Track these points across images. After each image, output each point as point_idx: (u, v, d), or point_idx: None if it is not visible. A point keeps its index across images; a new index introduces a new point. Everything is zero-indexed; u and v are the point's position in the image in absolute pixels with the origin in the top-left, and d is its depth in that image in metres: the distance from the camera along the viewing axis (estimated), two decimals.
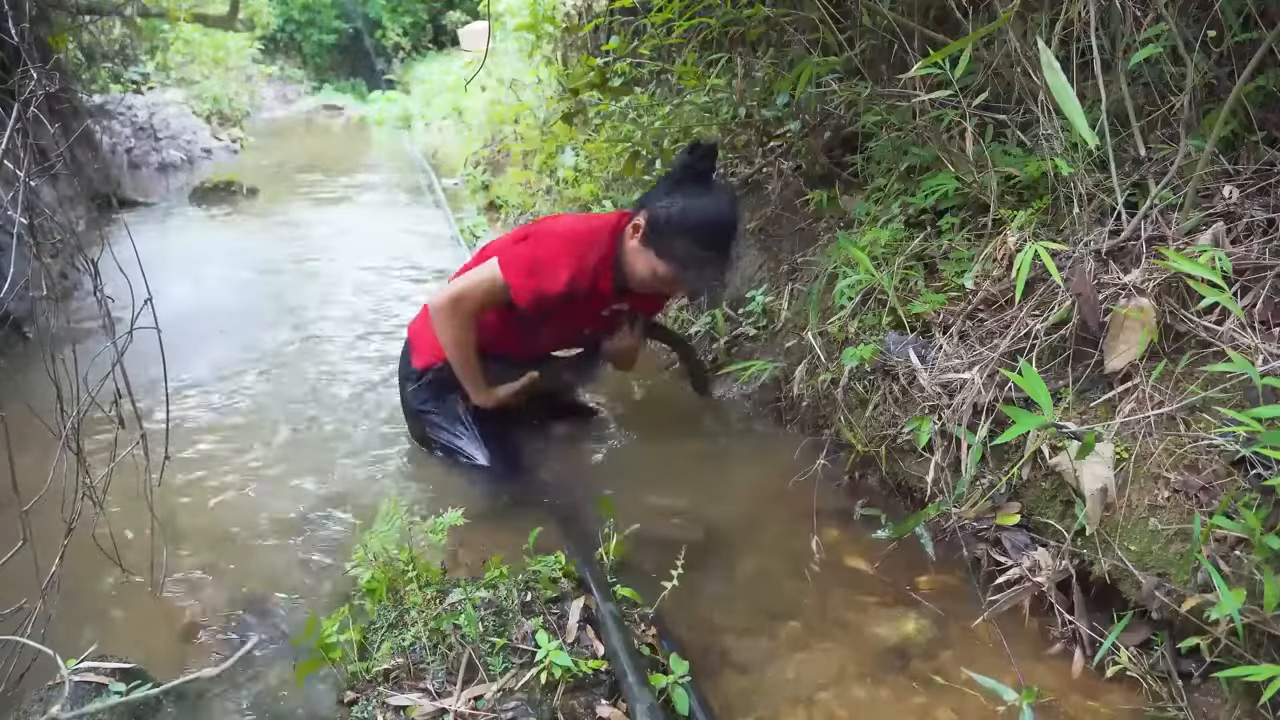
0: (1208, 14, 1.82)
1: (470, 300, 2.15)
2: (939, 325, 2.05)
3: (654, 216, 2.09)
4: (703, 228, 2.04)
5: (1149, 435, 1.59)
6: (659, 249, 2.08)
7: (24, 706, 1.37)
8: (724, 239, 2.09)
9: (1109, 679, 1.52)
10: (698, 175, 2.10)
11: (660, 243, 2.07)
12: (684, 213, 2.05)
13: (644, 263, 2.11)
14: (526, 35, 5.72)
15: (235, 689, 1.59)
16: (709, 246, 2.05)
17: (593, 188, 4.09)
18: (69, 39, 6.10)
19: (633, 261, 2.14)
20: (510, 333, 2.29)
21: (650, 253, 2.09)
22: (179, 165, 8.20)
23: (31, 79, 1.54)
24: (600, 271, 2.16)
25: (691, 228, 2.04)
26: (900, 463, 2.04)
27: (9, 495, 1.50)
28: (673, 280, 2.11)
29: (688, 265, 2.06)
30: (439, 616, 1.49)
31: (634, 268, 2.14)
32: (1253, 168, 1.83)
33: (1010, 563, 1.70)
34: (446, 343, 2.23)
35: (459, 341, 2.20)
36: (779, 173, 3.07)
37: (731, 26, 3.27)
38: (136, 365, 1.75)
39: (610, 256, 2.16)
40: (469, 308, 2.16)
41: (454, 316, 2.16)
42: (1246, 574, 1.36)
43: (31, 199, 1.63)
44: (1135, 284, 1.69)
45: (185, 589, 1.88)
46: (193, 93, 10.10)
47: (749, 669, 1.62)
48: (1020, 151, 2.17)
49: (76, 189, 4.80)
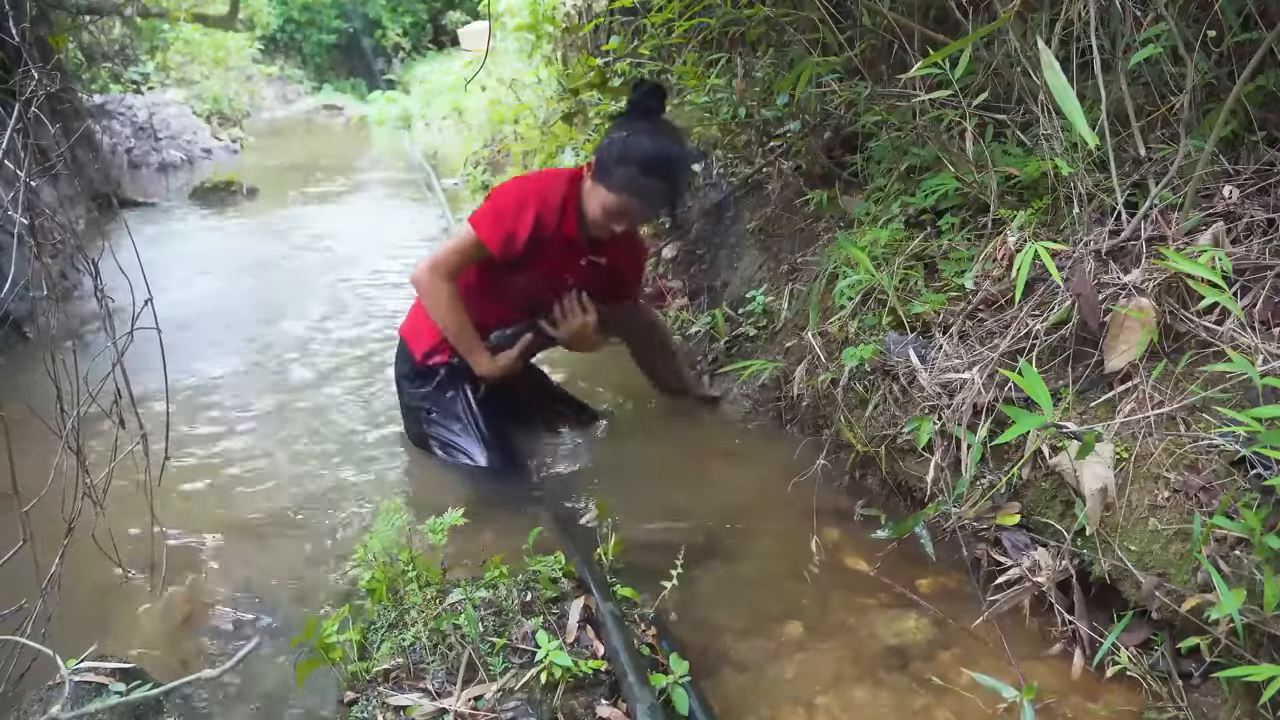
0: (1208, 14, 1.82)
1: (446, 263, 2.19)
2: (939, 325, 2.05)
3: (600, 151, 2.14)
4: (644, 155, 2.06)
5: (1149, 435, 1.59)
6: (605, 181, 2.10)
7: (24, 706, 1.37)
8: (666, 166, 2.09)
9: (1109, 679, 1.52)
10: (645, 112, 2.14)
11: (605, 175, 2.10)
12: (625, 142, 2.09)
13: (595, 199, 2.14)
14: (526, 35, 5.72)
15: (235, 689, 1.59)
16: (651, 173, 2.07)
17: None
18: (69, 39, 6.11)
19: (587, 200, 2.17)
20: (498, 296, 2.30)
21: (600, 188, 2.12)
22: (179, 165, 8.21)
23: (32, 79, 1.54)
24: (564, 213, 2.19)
25: (633, 155, 2.06)
26: (900, 463, 2.04)
27: (9, 495, 1.51)
28: (621, 211, 2.12)
29: (632, 193, 2.08)
30: (439, 616, 1.49)
31: (589, 207, 2.16)
32: (1253, 168, 1.83)
33: (1010, 563, 1.70)
34: (434, 310, 2.24)
35: (447, 305, 2.21)
36: (779, 173, 3.07)
37: (731, 26, 3.28)
38: (136, 365, 1.76)
39: (573, 200, 2.19)
40: (446, 270, 2.19)
41: (435, 281, 2.18)
42: (1246, 574, 1.36)
43: (32, 199, 1.63)
44: (1135, 284, 1.69)
45: (185, 589, 1.88)
46: (193, 93, 10.11)
47: (749, 669, 1.62)
48: (1020, 151, 2.17)
49: (77, 189, 4.80)
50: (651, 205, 2.18)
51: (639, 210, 2.15)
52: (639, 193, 2.09)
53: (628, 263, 2.45)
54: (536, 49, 5.75)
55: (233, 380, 3.09)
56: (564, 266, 2.29)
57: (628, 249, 2.41)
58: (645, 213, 2.22)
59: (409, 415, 2.50)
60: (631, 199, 2.09)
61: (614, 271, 2.38)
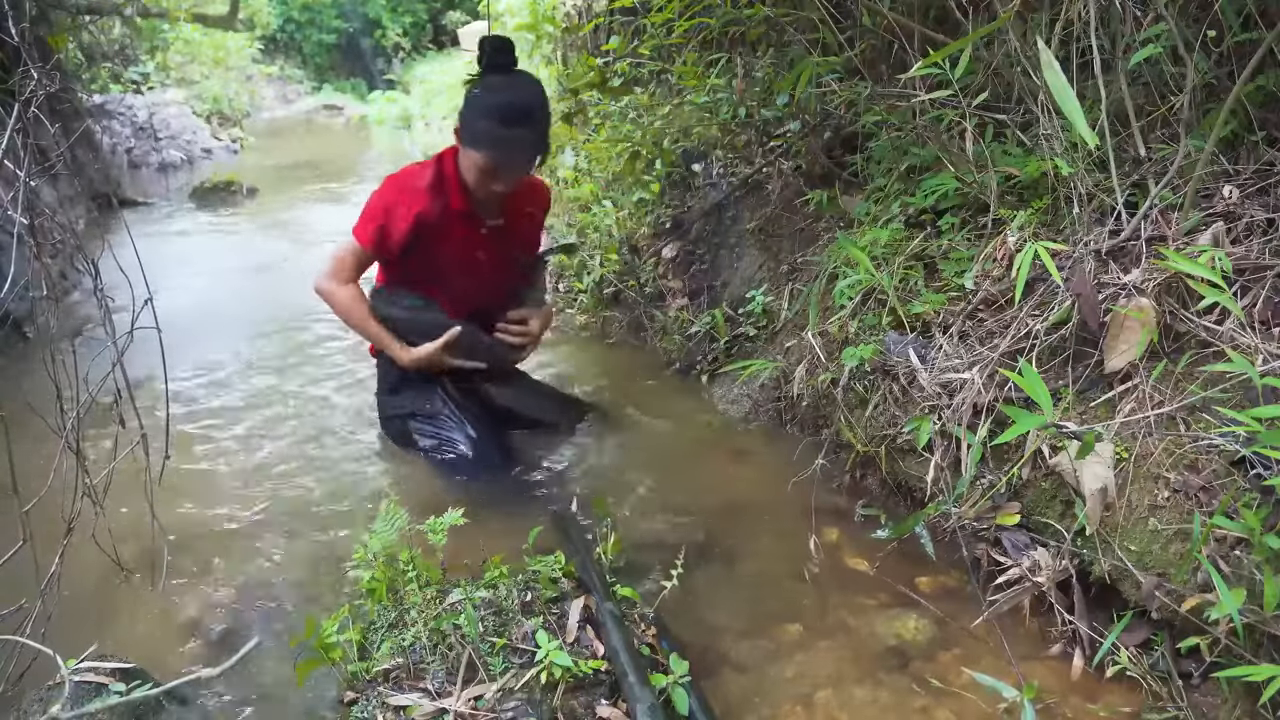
0: (1208, 14, 1.82)
1: (336, 269, 2.27)
2: (939, 325, 2.05)
3: (461, 115, 2.15)
4: (499, 105, 2.06)
5: (1149, 435, 1.59)
6: (472, 143, 2.11)
7: (24, 706, 1.37)
8: (523, 114, 2.08)
9: (1109, 679, 1.53)
10: (496, 67, 2.13)
11: (471, 136, 2.11)
12: (480, 97, 2.10)
13: (468, 163, 2.14)
14: (526, 35, 5.72)
15: (235, 689, 1.59)
16: (509, 123, 2.06)
17: (593, 188, 4.08)
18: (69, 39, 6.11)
19: (463, 168, 2.18)
20: (429, 284, 2.33)
21: (470, 151, 2.12)
22: (179, 165, 8.21)
23: (32, 79, 1.54)
24: (443, 191, 2.20)
25: (489, 108, 2.07)
26: (900, 463, 2.04)
27: (10, 496, 1.51)
28: (488, 167, 2.11)
29: (497, 147, 2.08)
30: (439, 616, 1.49)
31: (465, 173, 2.17)
32: (1253, 168, 1.83)
33: (1010, 563, 1.70)
34: (339, 314, 2.34)
35: (346, 307, 2.30)
36: (779, 173, 3.07)
37: (731, 26, 3.27)
38: (137, 365, 1.75)
39: (453, 175, 2.20)
40: (338, 275, 2.27)
41: (331, 288, 2.28)
42: (1246, 574, 1.36)
43: (31, 199, 1.63)
44: (1135, 284, 1.69)
45: (185, 588, 1.88)
46: (193, 93, 10.11)
47: (749, 669, 1.62)
48: (1020, 151, 2.17)
49: (76, 189, 4.80)
50: (520, 156, 2.14)
51: (509, 163, 2.13)
52: (504, 145, 2.08)
53: (534, 211, 2.46)
54: (536, 49, 5.74)
55: (233, 380, 3.09)
56: (470, 240, 2.29)
57: (529, 197, 2.39)
58: (516, 165, 2.15)
59: (390, 425, 2.55)
60: (499, 153, 2.09)
61: (523, 228, 2.42)
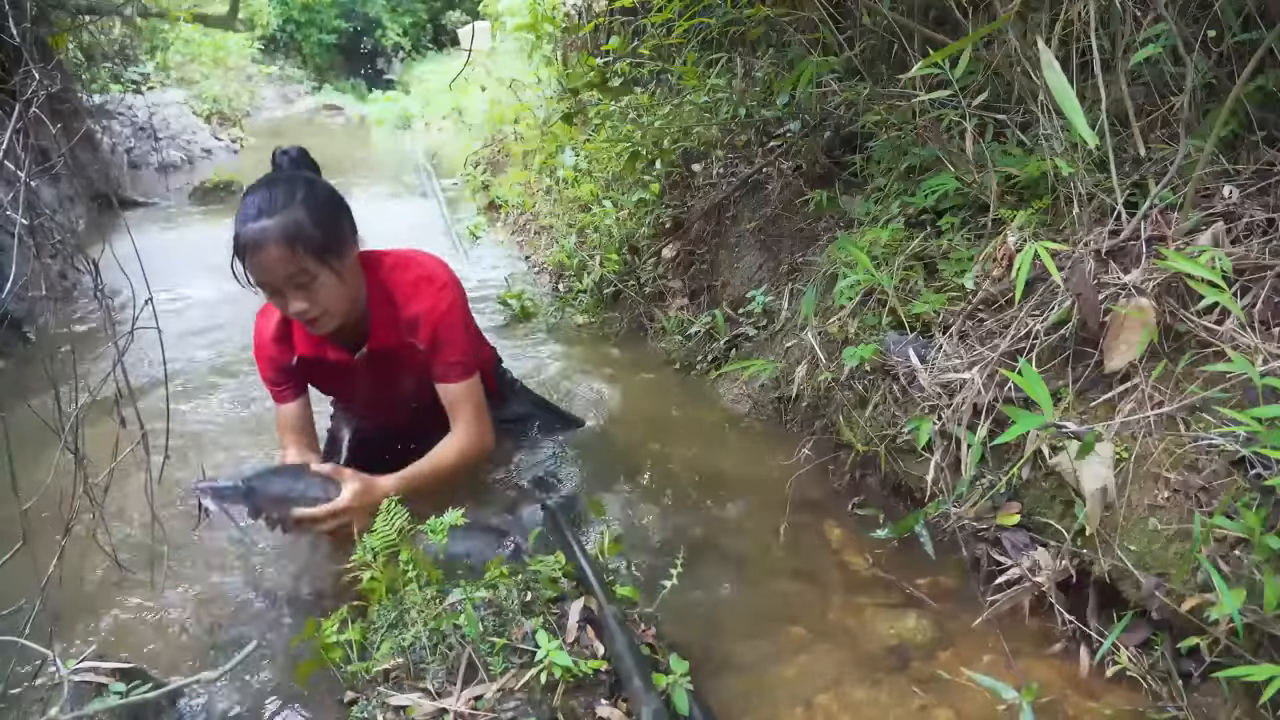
0: (1208, 14, 1.82)
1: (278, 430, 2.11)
2: (939, 325, 2.05)
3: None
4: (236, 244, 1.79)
5: (1149, 435, 1.59)
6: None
7: (24, 706, 1.37)
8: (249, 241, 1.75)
9: (1109, 679, 1.53)
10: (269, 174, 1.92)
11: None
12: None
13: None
14: (526, 35, 5.72)
15: (235, 689, 1.59)
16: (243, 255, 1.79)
17: (593, 188, 4.09)
18: (69, 39, 6.11)
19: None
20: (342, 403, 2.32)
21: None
22: (179, 165, 8.22)
23: (32, 79, 1.54)
24: (288, 338, 2.02)
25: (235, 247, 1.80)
26: (900, 462, 2.04)
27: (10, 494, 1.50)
28: (274, 298, 1.84)
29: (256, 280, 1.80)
30: (439, 616, 1.49)
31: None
32: (1253, 168, 1.83)
33: (1010, 563, 1.70)
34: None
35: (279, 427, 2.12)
36: (779, 173, 3.08)
37: (731, 26, 3.28)
38: (137, 364, 1.75)
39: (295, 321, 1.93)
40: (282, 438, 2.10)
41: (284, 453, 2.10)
42: (1246, 574, 1.36)
43: (32, 199, 1.63)
44: (1135, 284, 1.69)
45: (185, 588, 1.88)
46: (193, 93, 10.12)
47: (749, 669, 1.62)
48: (1020, 151, 2.17)
49: (77, 189, 4.80)
50: (279, 278, 1.77)
51: (276, 287, 1.80)
52: (256, 274, 1.78)
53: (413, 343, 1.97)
54: (536, 49, 5.74)
55: (233, 380, 3.09)
56: (348, 373, 2.03)
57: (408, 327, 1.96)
58: (282, 286, 1.78)
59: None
60: (262, 284, 1.81)
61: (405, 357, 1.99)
